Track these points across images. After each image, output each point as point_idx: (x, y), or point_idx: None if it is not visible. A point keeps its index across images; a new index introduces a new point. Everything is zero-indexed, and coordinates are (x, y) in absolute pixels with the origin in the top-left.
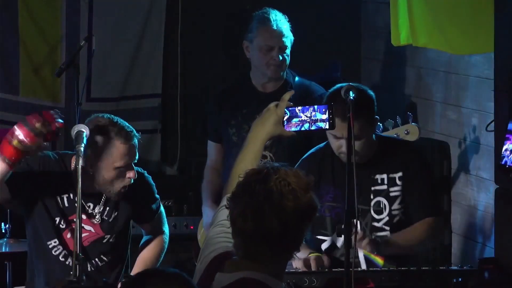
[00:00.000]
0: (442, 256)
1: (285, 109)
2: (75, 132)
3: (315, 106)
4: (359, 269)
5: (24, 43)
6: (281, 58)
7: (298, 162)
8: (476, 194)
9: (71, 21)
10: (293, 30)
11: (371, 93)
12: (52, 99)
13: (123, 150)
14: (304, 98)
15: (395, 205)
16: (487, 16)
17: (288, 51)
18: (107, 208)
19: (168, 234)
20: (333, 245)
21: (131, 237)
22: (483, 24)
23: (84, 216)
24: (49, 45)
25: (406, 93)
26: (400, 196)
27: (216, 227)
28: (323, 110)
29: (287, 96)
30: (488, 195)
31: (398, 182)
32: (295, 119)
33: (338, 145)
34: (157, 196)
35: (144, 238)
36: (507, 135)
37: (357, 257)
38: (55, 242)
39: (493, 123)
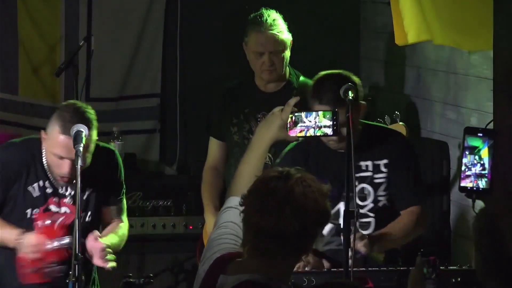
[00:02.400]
0: (442, 256)
1: (290, 114)
2: (74, 132)
3: (320, 112)
4: (358, 269)
5: (23, 43)
6: (271, 62)
7: (283, 153)
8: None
9: (70, 21)
10: (292, 30)
11: (355, 78)
12: (51, 99)
13: (58, 140)
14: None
15: (380, 192)
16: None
17: (284, 53)
18: (80, 185)
19: (128, 225)
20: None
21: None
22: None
23: (56, 199)
24: (48, 45)
25: (405, 93)
26: (385, 183)
27: (219, 229)
28: (328, 116)
29: (293, 101)
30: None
31: (383, 169)
32: (299, 124)
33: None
34: (123, 182)
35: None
36: (463, 152)
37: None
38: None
39: (492, 123)
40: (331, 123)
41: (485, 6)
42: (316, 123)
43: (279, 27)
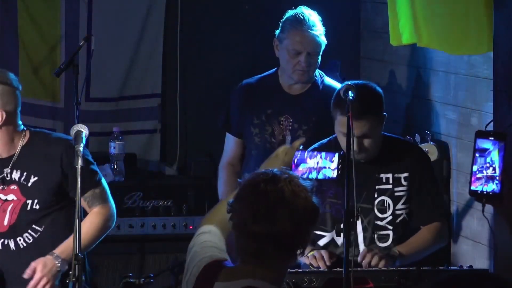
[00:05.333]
0: (442, 256)
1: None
2: (74, 132)
3: (323, 153)
4: (358, 269)
5: (24, 43)
6: (308, 63)
7: (312, 147)
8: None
9: (70, 21)
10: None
11: (379, 90)
12: (51, 99)
13: None
14: (330, 102)
15: (399, 205)
16: (485, 16)
17: (318, 56)
18: (24, 172)
19: (112, 207)
20: (331, 241)
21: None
22: (480, 24)
23: (3, 186)
24: (48, 45)
25: (405, 93)
26: (405, 196)
27: (200, 236)
28: (332, 158)
29: (298, 143)
30: None
31: (403, 182)
32: (302, 165)
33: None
34: (92, 167)
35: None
36: (474, 155)
37: (358, 255)
38: None
39: (492, 123)
40: (335, 166)
41: (478, 10)
42: (318, 164)
43: (320, 28)
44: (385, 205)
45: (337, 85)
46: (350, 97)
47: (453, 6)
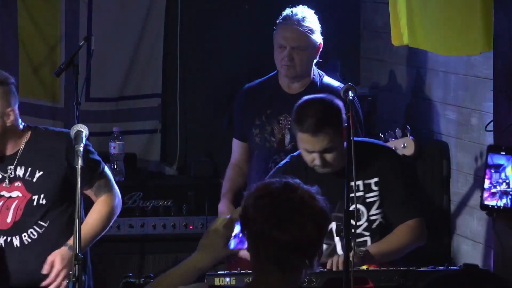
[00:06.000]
0: (442, 256)
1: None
2: (74, 132)
3: None
4: (358, 269)
5: (23, 43)
6: (291, 58)
7: (273, 170)
8: (476, 194)
9: (70, 21)
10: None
11: (337, 102)
12: (51, 99)
13: None
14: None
15: (373, 211)
16: (479, 17)
17: (307, 52)
18: (29, 168)
19: (117, 194)
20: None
21: (81, 205)
22: (475, 25)
23: (7, 184)
24: (48, 45)
25: (406, 93)
26: (378, 201)
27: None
28: None
29: (235, 214)
30: None
31: (374, 187)
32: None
33: (311, 158)
34: (95, 157)
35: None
36: (487, 170)
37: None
38: None
39: (492, 123)
40: None
41: (472, 11)
42: None
43: (309, 24)
44: (359, 213)
45: (335, 83)
46: (350, 97)
47: (447, 7)
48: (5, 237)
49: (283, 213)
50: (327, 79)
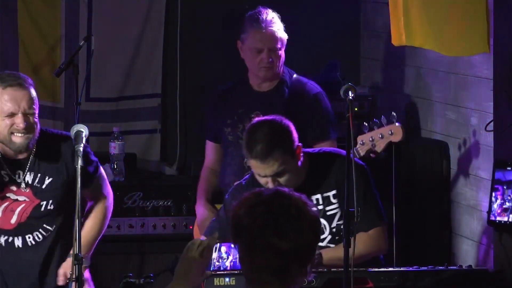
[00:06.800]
0: (442, 256)
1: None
2: (74, 132)
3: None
4: (359, 269)
5: (24, 43)
6: (271, 60)
7: (230, 190)
8: (475, 194)
9: (70, 21)
10: (292, 30)
11: (285, 123)
12: (52, 99)
13: (4, 95)
14: (299, 98)
15: (334, 223)
16: (479, 17)
17: (280, 51)
18: (38, 174)
19: (110, 197)
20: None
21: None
22: (475, 25)
23: (14, 188)
24: (48, 45)
25: (406, 93)
26: (338, 213)
27: None
28: None
29: (213, 242)
30: (487, 195)
31: (333, 200)
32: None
33: (265, 182)
34: (94, 158)
35: (88, 205)
36: (496, 186)
37: None
38: None
39: (492, 123)
40: None
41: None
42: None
43: (278, 24)
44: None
45: (304, 79)
46: (350, 97)
47: (448, 6)
48: (6, 237)
49: (281, 220)
50: (296, 76)
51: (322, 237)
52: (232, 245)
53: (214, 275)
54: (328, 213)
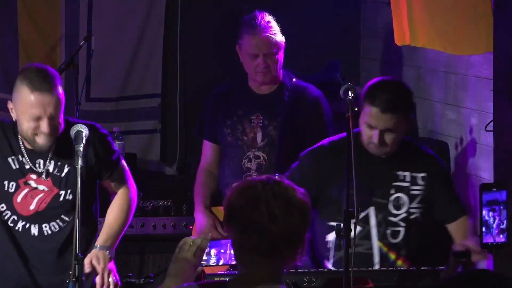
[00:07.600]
0: (442, 256)
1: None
2: (74, 132)
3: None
4: (359, 269)
5: (24, 43)
6: (266, 64)
7: (304, 152)
8: (475, 194)
9: (70, 21)
10: (292, 30)
11: (410, 88)
12: None
13: (30, 99)
14: (299, 101)
15: (414, 204)
16: (484, 16)
17: (277, 55)
18: (58, 163)
19: (134, 190)
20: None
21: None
22: (480, 24)
23: (34, 176)
24: (48, 45)
25: None
26: (421, 196)
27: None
28: None
29: (206, 244)
30: None
31: (420, 182)
32: (221, 261)
33: (370, 135)
34: (116, 149)
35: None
36: (494, 207)
37: (370, 248)
38: (2, 207)
39: (492, 123)
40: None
41: (477, 10)
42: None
43: (273, 29)
44: (400, 202)
45: (304, 83)
46: (350, 97)
47: (452, 5)
48: (23, 223)
49: (271, 204)
50: (295, 80)
51: (397, 212)
52: (222, 250)
53: (214, 275)
54: (412, 192)
